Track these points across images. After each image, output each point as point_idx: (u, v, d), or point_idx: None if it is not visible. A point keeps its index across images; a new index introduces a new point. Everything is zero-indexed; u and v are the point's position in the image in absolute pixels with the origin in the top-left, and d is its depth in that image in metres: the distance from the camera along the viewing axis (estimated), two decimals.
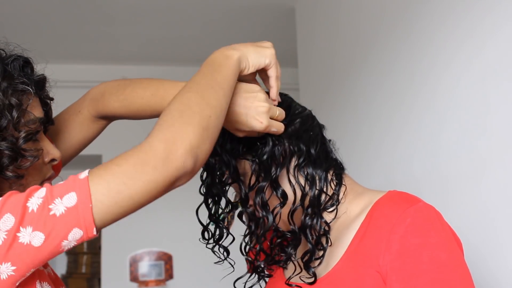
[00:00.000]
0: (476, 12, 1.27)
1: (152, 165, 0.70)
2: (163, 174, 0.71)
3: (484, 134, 1.24)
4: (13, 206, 0.67)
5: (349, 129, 2.08)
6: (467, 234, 1.27)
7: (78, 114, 1.05)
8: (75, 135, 1.05)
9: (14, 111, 0.79)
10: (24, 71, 0.85)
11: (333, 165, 0.93)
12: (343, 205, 0.91)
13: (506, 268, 1.16)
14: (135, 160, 0.70)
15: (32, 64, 0.89)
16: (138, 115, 1.02)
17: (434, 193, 1.42)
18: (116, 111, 1.02)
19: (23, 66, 0.86)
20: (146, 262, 3.62)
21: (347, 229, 0.87)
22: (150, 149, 0.71)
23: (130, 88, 1.00)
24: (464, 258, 0.83)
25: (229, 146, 0.91)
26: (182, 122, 0.74)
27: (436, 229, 0.78)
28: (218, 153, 0.92)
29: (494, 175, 1.20)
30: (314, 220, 0.88)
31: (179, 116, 0.74)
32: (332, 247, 0.89)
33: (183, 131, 0.72)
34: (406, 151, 1.63)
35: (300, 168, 0.90)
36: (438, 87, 1.44)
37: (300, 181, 0.90)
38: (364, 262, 0.81)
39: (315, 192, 0.89)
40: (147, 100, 0.99)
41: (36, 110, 0.85)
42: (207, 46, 3.66)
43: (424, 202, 0.82)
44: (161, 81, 0.99)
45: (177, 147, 0.71)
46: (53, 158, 0.90)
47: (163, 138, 0.72)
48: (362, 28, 1.99)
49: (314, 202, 0.89)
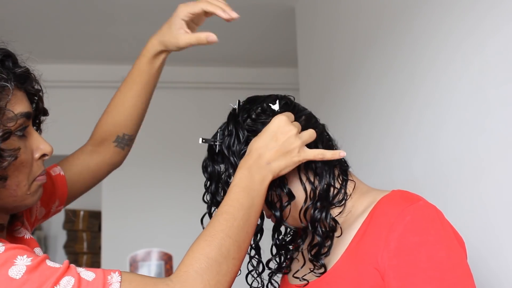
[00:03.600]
0: (476, 12, 1.28)
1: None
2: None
3: (484, 134, 1.24)
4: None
5: (349, 129, 2.08)
6: (467, 233, 1.27)
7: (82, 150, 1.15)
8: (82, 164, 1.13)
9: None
10: (4, 66, 0.81)
11: (338, 161, 0.94)
12: (349, 202, 0.92)
13: (507, 268, 1.16)
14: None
15: (15, 57, 0.85)
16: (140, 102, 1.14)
17: (433, 193, 1.42)
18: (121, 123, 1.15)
19: (1, 61, 0.81)
20: (146, 262, 3.62)
21: (350, 227, 0.88)
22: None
23: (111, 108, 1.14)
24: (467, 256, 0.83)
25: (236, 147, 0.91)
26: (222, 274, 0.76)
27: (436, 228, 0.78)
28: (226, 156, 0.92)
29: (494, 175, 1.21)
30: (323, 213, 0.89)
31: (217, 267, 0.77)
32: (335, 243, 0.90)
33: (221, 284, 0.76)
34: (405, 151, 1.63)
35: (309, 163, 0.90)
36: (438, 87, 1.44)
37: (310, 177, 0.91)
38: (364, 260, 0.81)
39: (324, 186, 0.90)
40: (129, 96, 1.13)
41: (20, 105, 0.81)
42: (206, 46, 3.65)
43: (424, 201, 0.82)
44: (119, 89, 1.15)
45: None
46: (44, 154, 0.87)
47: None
48: (362, 28, 1.99)
49: (323, 196, 0.90)
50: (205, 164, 0.96)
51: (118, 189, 3.55)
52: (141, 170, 3.57)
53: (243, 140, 0.91)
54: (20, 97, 0.82)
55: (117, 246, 3.59)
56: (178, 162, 3.61)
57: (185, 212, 3.57)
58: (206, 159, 0.96)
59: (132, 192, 3.60)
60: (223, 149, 0.92)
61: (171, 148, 3.66)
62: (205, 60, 3.69)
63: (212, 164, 0.94)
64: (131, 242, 3.61)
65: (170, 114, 3.72)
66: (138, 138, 1.22)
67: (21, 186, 0.83)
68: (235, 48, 3.46)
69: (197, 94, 3.77)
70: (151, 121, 3.71)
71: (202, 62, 3.72)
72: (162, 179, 3.65)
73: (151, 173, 3.62)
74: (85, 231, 4.45)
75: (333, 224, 0.90)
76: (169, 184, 3.66)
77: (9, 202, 0.83)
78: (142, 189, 3.63)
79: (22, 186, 0.83)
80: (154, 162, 3.62)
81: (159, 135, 3.65)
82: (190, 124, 3.62)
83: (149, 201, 3.64)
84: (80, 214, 4.40)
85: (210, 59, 3.66)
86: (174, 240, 3.63)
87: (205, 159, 0.96)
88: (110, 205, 3.59)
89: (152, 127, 3.87)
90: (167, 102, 3.71)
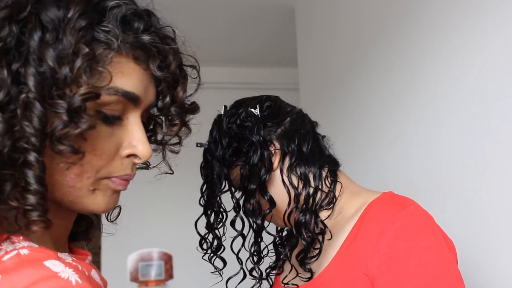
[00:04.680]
0: (477, 13, 1.27)
1: None
2: None
3: (484, 136, 1.24)
4: None
5: (348, 128, 2.08)
6: (465, 235, 1.27)
7: None
8: None
9: (79, 59, 0.54)
10: (129, 24, 0.60)
11: (327, 161, 0.93)
12: (338, 204, 0.91)
13: (502, 271, 1.15)
14: None
15: (154, 21, 0.64)
16: None
17: (432, 194, 1.41)
18: None
19: (130, 20, 0.60)
20: (146, 262, 3.62)
21: (341, 230, 0.87)
22: None
23: None
24: (457, 261, 0.81)
25: (220, 153, 0.92)
26: None
27: (426, 233, 0.77)
28: (209, 161, 0.92)
29: (493, 177, 1.20)
30: (307, 216, 0.88)
31: None
32: (325, 246, 0.89)
33: None
34: (404, 152, 1.63)
35: (292, 168, 0.90)
36: (438, 87, 1.44)
37: (293, 182, 0.90)
38: (354, 265, 0.80)
39: (309, 191, 0.89)
40: None
41: (124, 80, 0.59)
42: (207, 46, 3.67)
43: (415, 206, 0.81)
44: None
45: None
46: (133, 154, 0.65)
47: None
48: (362, 28, 1.99)
49: (308, 201, 0.89)
50: (201, 168, 0.96)
51: None
52: (141, 170, 3.56)
53: (225, 146, 0.91)
54: (132, 70, 0.60)
55: (117, 246, 3.59)
56: (179, 162, 3.61)
57: (186, 213, 3.57)
58: (201, 162, 0.97)
59: (132, 192, 3.60)
60: (207, 156, 0.93)
61: None
62: (205, 60, 3.69)
63: (205, 168, 0.95)
64: (131, 242, 3.61)
65: None
66: None
67: (84, 178, 0.60)
68: (235, 48, 3.46)
69: (197, 93, 3.77)
70: None
71: (202, 62, 3.69)
72: (163, 180, 3.64)
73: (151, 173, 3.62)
74: None
75: (322, 227, 0.89)
76: (170, 184, 3.65)
77: (64, 192, 0.60)
78: (142, 189, 3.63)
79: (85, 177, 0.61)
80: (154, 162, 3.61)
81: None
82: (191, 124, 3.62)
83: (149, 201, 3.64)
84: None
85: (210, 59, 3.66)
86: (174, 240, 3.63)
87: (201, 162, 0.97)
88: None
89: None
90: None
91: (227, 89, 3.70)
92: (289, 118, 0.93)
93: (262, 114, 0.91)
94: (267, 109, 0.93)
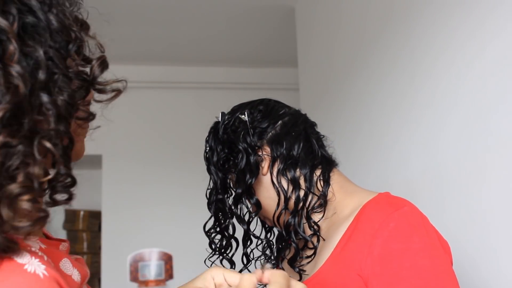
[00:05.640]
0: (477, 14, 1.27)
1: None
2: None
3: (483, 137, 1.24)
4: None
5: (348, 128, 2.08)
6: (463, 235, 1.27)
7: None
8: None
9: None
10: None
11: (320, 162, 0.93)
12: (332, 204, 0.91)
13: (500, 272, 1.15)
14: None
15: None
16: None
17: (431, 194, 1.41)
18: None
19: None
20: (146, 262, 3.62)
21: (336, 230, 0.87)
22: None
23: None
24: (452, 262, 0.81)
25: (214, 159, 0.94)
26: None
27: (420, 235, 0.77)
28: (208, 167, 0.95)
29: (492, 177, 1.20)
30: (296, 219, 0.89)
31: None
32: (321, 247, 0.89)
33: None
34: (404, 152, 1.63)
35: (282, 172, 0.90)
36: (438, 88, 1.44)
37: (283, 185, 0.90)
38: (348, 266, 0.80)
39: (299, 194, 0.89)
40: None
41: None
42: (207, 46, 3.67)
43: (409, 207, 0.80)
44: None
45: None
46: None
47: None
48: (362, 28, 1.99)
49: (298, 204, 0.89)
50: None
51: (118, 189, 3.55)
52: (141, 170, 3.57)
53: (219, 152, 0.93)
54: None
55: (117, 246, 3.59)
56: (179, 162, 3.61)
57: (186, 213, 3.58)
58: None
59: (132, 192, 3.60)
60: (206, 162, 0.95)
61: (171, 148, 3.66)
62: (206, 60, 3.69)
63: (208, 172, 0.97)
64: (131, 242, 3.61)
65: (171, 114, 3.72)
66: (139, 138, 1.22)
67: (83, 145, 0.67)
68: (236, 48, 3.46)
69: (197, 94, 3.77)
70: (152, 121, 3.73)
71: (202, 62, 3.72)
72: (163, 180, 3.65)
73: (152, 173, 3.62)
74: (85, 231, 4.45)
75: (315, 228, 0.89)
76: (170, 184, 3.66)
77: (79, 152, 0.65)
78: (142, 189, 3.63)
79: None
80: (154, 162, 3.62)
81: (160, 136, 3.65)
82: (191, 124, 3.62)
83: (149, 201, 3.64)
84: (80, 214, 4.41)
85: (211, 59, 3.66)
86: (174, 240, 3.63)
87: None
88: (110, 205, 3.59)
89: (153, 127, 3.89)
90: (168, 102, 3.72)
91: (227, 89, 3.71)
92: (281, 121, 0.94)
93: (252, 120, 0.93)
94: (258, 114, 0.94)
